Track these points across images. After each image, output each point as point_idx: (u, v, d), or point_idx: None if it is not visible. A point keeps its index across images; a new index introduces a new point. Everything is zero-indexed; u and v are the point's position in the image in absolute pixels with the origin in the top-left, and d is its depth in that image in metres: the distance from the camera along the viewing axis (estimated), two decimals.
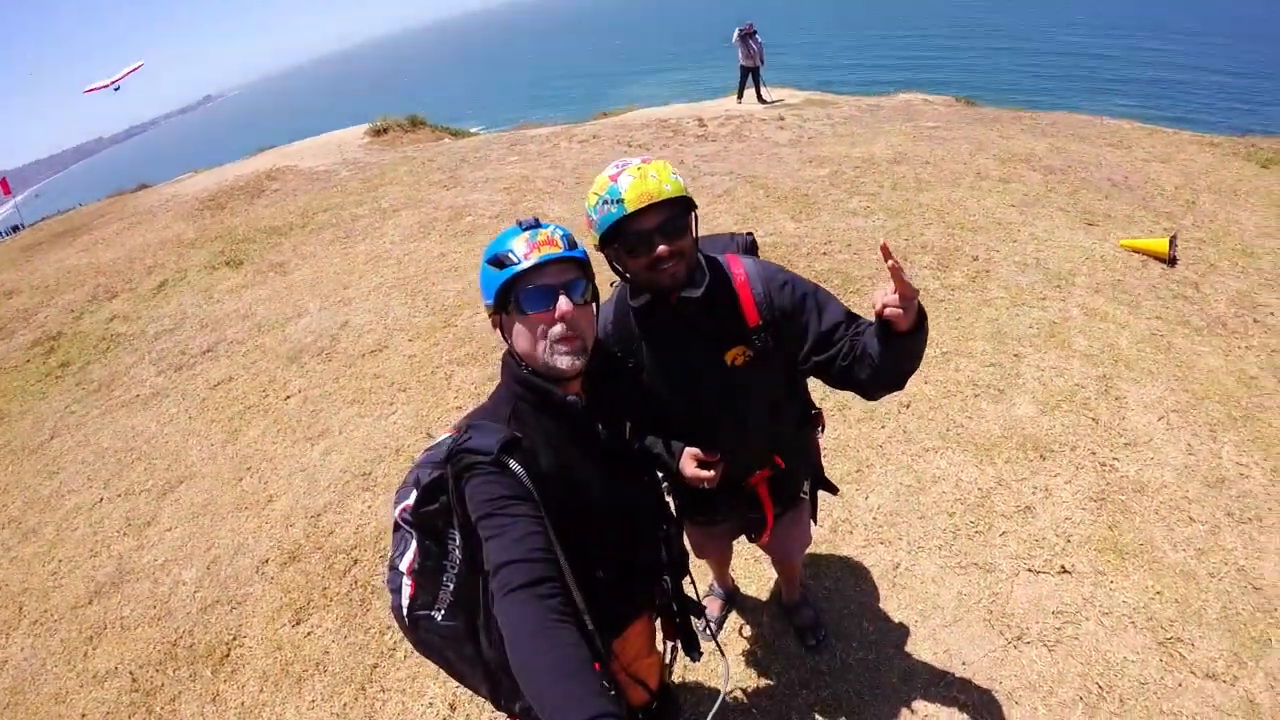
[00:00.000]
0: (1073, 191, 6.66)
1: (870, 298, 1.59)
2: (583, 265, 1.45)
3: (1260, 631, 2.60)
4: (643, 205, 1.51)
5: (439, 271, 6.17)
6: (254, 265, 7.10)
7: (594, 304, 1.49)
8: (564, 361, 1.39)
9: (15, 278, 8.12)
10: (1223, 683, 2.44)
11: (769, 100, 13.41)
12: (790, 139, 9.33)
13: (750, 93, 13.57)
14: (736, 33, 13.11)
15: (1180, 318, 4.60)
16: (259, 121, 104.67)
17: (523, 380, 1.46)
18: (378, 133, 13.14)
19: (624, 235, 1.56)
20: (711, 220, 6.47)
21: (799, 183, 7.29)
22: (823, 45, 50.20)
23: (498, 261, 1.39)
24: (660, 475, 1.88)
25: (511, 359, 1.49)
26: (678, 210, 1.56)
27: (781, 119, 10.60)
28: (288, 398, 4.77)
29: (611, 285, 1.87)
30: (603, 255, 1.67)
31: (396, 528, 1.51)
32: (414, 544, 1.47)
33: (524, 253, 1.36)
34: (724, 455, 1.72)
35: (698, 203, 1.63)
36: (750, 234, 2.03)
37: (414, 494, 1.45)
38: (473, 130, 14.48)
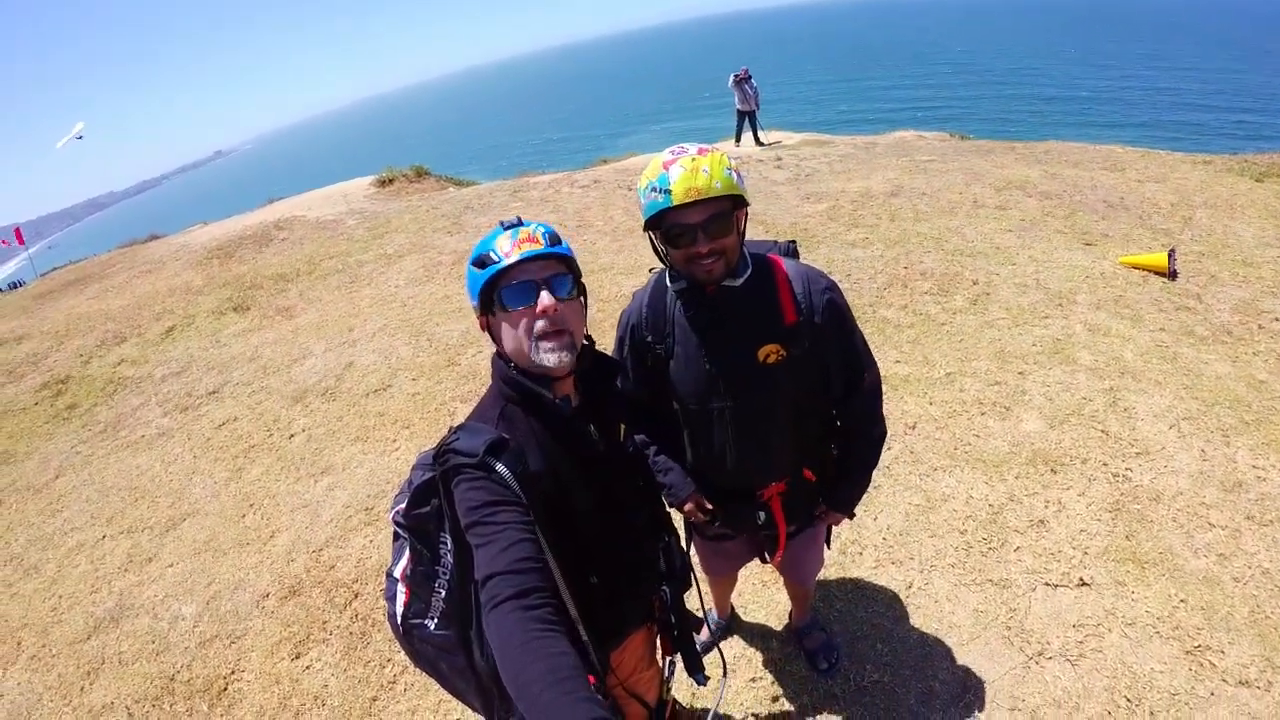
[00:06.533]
0: (1069, 214, 6.69)
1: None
2: (567, 261, 1.42)
3: None
4: (689, 200, 1.49)
5: (443, 313, 6.21)
6: (261, 310, 7.17)
7: (583, 299, 1.46)
8: (551, 359, 1.36)
9: (26, 324, 8.19)
10: (1257, 689, 2.35)
11: (766, 142, 13.65)
12: (788, 177, 9.43)
13: (748, 135, 13.82)
14: (732, 78, 13.42)
15: (1184, 328, 4.57)
16: (268, 175, 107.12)
17: (511, 380, 1.42)
18: (383, 183, 13.38)
19: (667, 226, 1.56)
20: None
21: (797, 218, 7.34)
22: (820, 91, 51.43)
23: (480, 262, 1.37)
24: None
25: (500, 359, 1.46)
26: (725, 208, 1.54)
27: (779, 159, 10.72)
28: (292, 436, 4.76)
29: (650, 271, 1.87)
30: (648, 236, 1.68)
31: (396, 536, 1.49)
32: (407, 549, 1.44)
33: (506, 251, 1.35)
34: (719, 512, 1.91)
35: None
36: (793, 241, 1.96)
37: (407, 497, 1.43)
38: (476, 181, 14.73)
